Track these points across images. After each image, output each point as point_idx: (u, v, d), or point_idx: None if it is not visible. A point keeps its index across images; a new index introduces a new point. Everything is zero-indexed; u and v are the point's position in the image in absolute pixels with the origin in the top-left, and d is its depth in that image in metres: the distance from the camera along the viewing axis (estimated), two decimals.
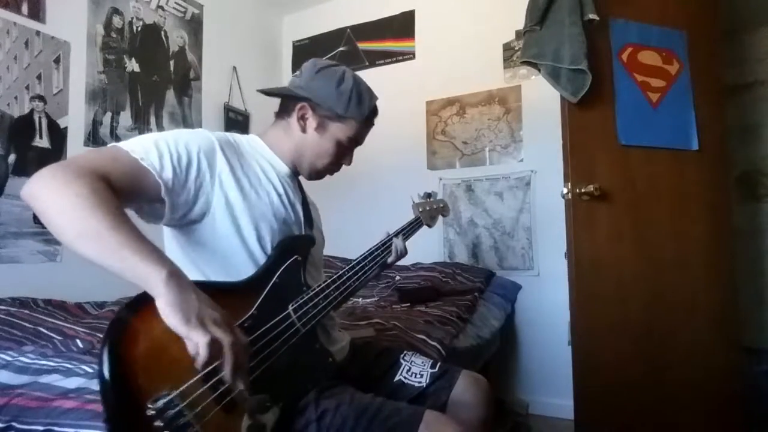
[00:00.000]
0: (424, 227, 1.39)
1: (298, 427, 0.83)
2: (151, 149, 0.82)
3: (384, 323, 1.63)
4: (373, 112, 1.08)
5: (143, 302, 0.68)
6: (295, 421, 0.84)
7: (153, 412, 0.64)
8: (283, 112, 1.07)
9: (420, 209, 1.39)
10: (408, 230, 1.29)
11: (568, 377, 1.71)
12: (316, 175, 1.10)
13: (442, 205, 1.48)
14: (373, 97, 1.08)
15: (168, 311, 0.65)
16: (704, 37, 1.86)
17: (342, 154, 1.08)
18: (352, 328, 1.50)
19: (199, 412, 0.68)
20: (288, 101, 1.06)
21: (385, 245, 1.18)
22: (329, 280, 0.99)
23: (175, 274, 0.67)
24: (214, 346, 0.65)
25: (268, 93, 1.09)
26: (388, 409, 0.86)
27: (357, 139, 1.08)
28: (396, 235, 1.23)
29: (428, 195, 1.47)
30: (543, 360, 2.48)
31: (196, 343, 0.65)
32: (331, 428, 0.82)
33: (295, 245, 0.98)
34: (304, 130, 1.04)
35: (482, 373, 1.17)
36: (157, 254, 0.68)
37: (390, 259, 1.19)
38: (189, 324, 0.65)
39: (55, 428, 0.89)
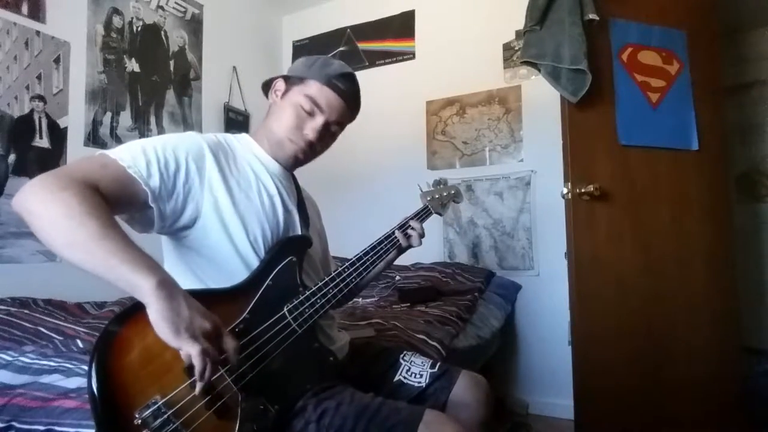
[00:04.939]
0: (435, 216, 1.29)
1: (298, 426, 0.83)
2: (139, 157, 0.82)
3: (384, 323, 1.63)
4: (343, 77, 1.01)
5: (132, 312, 0.69)
6: (294, 421, 0.84)
7: (139, 421, 0.64)
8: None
9: (428, 198, 1.29)
10: (414, 220, 1.21)
11: (568, 377, 1.71)
12: (282, 152, 1.02)
13: (453, 192, 1.37)
14: (344, 67, 1.04)
15: (158, 323, 0.65)
16: (704, 37, 1.86)
17: (302, 119, 1.00)
18: (352, 328, 1.49)
19: (188, 419, 0.68)
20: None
21: (387, 239, 1.14)
22: (327, 279, 0.98)
23: (164, 283, 0.67)
24: (207, 355, 0.66)
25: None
26: (388, 408, 0.86)
27: (316, 101, 0.99)
28: (399, 227, 1.17)
29: (438, 182, 1.37)
30: (543, 360, 2.48)
31: (189, 354, 0.65)
32: (330, 428, 0.82)
33: (290, 246, 0.97)
34: (274, 101, 1.06)
35: (482, 373, 1.17)
36: (146, 262, 0.68)
37: (414, 243, 1.17)
38: (179, 336, 0.65)
39: (56, 428, 0.89)
